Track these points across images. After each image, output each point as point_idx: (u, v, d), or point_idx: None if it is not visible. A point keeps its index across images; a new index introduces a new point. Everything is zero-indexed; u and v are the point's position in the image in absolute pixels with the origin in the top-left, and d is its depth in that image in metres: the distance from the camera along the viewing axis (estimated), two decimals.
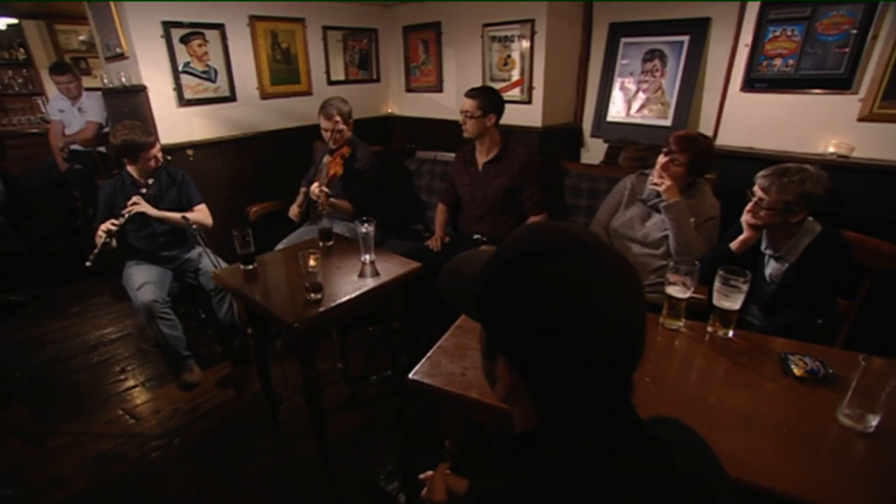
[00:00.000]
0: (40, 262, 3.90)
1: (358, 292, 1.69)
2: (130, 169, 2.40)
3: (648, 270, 2.06)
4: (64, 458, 2.10)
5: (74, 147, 4.00)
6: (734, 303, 1.36)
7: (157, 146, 2.35)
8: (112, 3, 2.64)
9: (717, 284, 1.39)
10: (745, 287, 1.36)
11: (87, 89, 3.97)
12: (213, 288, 2.49)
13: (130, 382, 2.61)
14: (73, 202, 4.03)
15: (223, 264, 2.40)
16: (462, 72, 3.53)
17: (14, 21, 5.15)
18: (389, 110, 4.12)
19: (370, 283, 1.77)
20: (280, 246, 2.68)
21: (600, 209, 2.28)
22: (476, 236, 2.56)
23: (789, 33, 2.21)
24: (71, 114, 4.00)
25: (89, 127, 3.87)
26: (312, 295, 1.63)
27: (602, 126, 3.12)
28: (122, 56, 2.80)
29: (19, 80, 6.30)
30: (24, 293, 2.94)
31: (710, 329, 1.42)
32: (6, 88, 6.24)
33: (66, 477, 2.01)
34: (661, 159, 2.00)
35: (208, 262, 2.32)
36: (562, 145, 3.30)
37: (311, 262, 1.62)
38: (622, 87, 2.97)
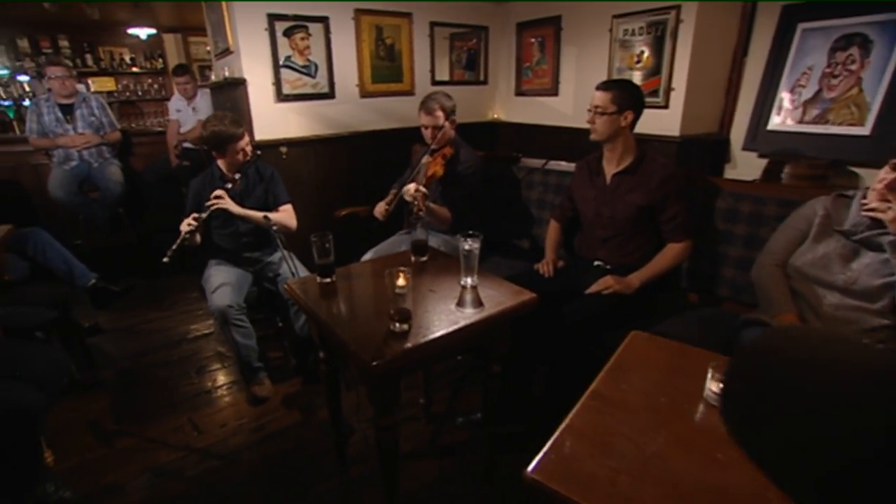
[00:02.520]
0: (148, 254, 4.04)
1: (454, 326, 1.30)
2: (220, 163, 2.26)
3: (858, 330, 1.45)
4: (126, 464, 1.98)
5: (186, 145, 4.13)
6: None
7: (246, 138, 2.19)
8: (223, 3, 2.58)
9: None
10: None
11: (202, 86, 4.09)
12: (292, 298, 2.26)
13: (203, 387, 2.47)
14: (180, 198, 4.14)
15: (303, 272, 2.16)
16: (583, 72, 3.08)
17: (153, 31, 5.58)
18: (495, 115, 3.77)
19: (471, 314, 1.37)
20: (367, 256, 2.40)
21: (773, 240, 1.70)
22: (597, 263, 2.08)
23: None
24: (186, 113, 4.14)
25: (199, 125, 3.96)
26: (398, 325, 1.27)
27: (760, 136, 2.50)
28: (227, 52, 2.74)
29: (155, 87, 6.91)
30: (123, 283, 2.97)
31: None
32: (145, 94, 6.88)
33: (123, 487, 1.88)
34: (886, 175, 1.42)
35: (286, 265, 2.08)
36: (702, 159, 2.71)
37: (400, 282, 1.27)
38: (794, 88, 2.34)
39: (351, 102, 3.02)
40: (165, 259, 2.01)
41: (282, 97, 2.74)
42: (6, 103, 4.21)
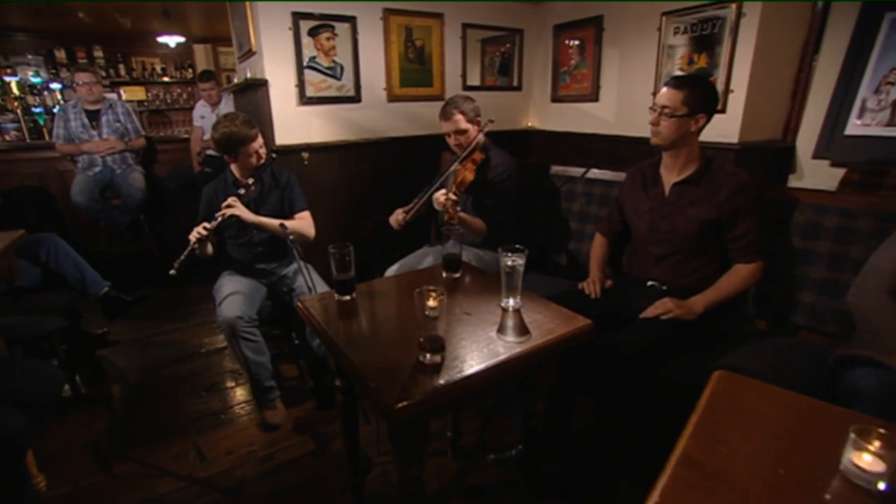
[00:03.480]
0: (167, 262, 3.94)
1: (496, 359, 1.07)
2: (233, 167, 2.11)
3: None
4: (122, 494, 1.81)
5: (209, 152, 4.05)
6: None
7: (260, 140, 2.02)
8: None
9: None
10: None
11: (224, 89, 4.02)
12: None
13: (211, 407, 2.29)
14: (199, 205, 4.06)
15: (321, 287, 1.97)
16: (627, 75, 2.85)
17: (182, 39, 5.60)
18: (529, 123, 3.56)
19: (515, 343, 1.14)
20: (392, 270, 2.19)
21: (881, 258, 1.42)
22: (651, 283, 1.83)
23: None
24: (210, 120, 4.06)
25: None
26: (429, 356, 1.05)
27: (835, 143, 2.21)
28: (250, 53, 2.61)
29: (183, 97, 6.97)
30: (139, 292, 2.84)
31: None
32: (173, 103, 6.94)
33: None
34: None
35: (302, 276, 1.88)
36: (763, 169, 2.43)
37: (431, 303, 1.06)
38: (880, 87, 2.05)
39: (377, 107, 2.86)
40: (173, 270, 1.86)
41: (305, 100, 2.59)
42: (38, 110, 4.22)
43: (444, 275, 1.54)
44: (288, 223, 1.98)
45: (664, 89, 1.69)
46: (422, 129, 3.04)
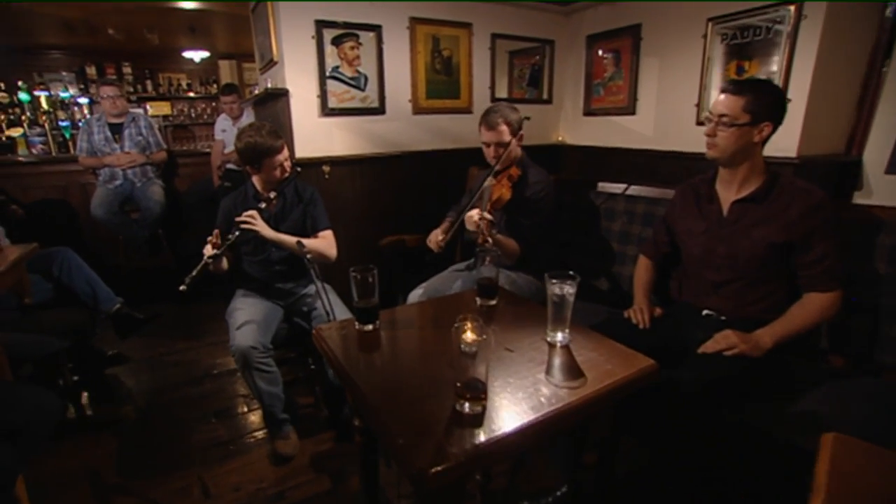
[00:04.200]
0: (185, 277, 3.86)
1: (549, 409, 0.89)
2: (255, 180, 1.99)
3: None
4: None
5: (230, 166, 4.00)
6: None
7: (286, 152, 1.90)
8: (269, 3, 2.37)
9: None
10: None
11: (246, 101, 3.97)
12: None
13: (220, 436, 2.14)
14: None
15: (341, 312, 1.82)
16: (667, 86, 2.67)
17: (206, 54, 5.64)
18: (560, 138, 3.39)
19: (567, 388, 0.96)
20: (417, 294, 2.03)
21: None
22: (707, 313, 1.62)
23: None
24: (231, 133, 4.01)
25: None
26: (468, 405, 0.87)
27: None
28: (271, 63, 2.52)
29: (208, 111, 7.02)
30: (153, 308, 2.74)
31: None
32: (197, 118, 7.00)
33: None
34: None
35: (319, 297, 1.71)
36: (824, 185, 2.20)
37: (469, 337, 0.88)
38: None
39: (402, 119, 2.73)
40: (183, 287, 1.72)
41: (327, 111, 2.48)
42: (64, 124, 4.25)
43: (478, 301, 1.37)
44: (307, 241, 1.84)
45: (721, 96, 1.51)
46: (448, 142, 2.90)
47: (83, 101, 5.10)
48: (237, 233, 1.81)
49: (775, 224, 1.49)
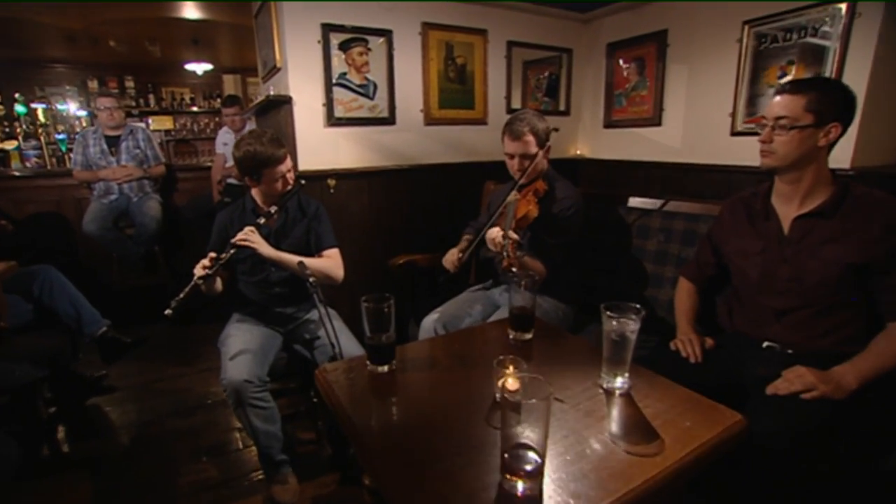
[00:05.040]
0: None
1: (625, 491, 0.67)
2: (254, 193, 1.80)
3: None
4: None
5: (230, 180, 3.83)
6: None
7: (289, 163, 1.72)
8: (272, 4, 2.22)
9: None
10: None
11: (247, 110, 3.82)
12: None
13: (210, 477, 1.91)
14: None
15: (348, 344, 1.62)
16: (698, 95, 2.50)
17: (209, 66, 5.53)
18: (578, 152, 3.21)
19: (637, 454, 0.74)
20: (431, 320, 1.82)
21: None
22: (768, 344, 1.41)
23: None
24: (233, 146, 3.85)
25: None
26: (521, 485, 0.66)
27: None
28: (275, 70, 2.36)
29: (211, 126, 6.91)
30: (144, 330, 2.54)
31: None
32: (200, 132, 6.89)
33: None
34: None
35: (323, 326, 1.50)
36: None
37: (511, 385, 0.68)
38: None
39: (413, 130, 2.56)
40: (168, 311, 1.52)
41: (333, 121, 2.31)
42: (61, 137, 4.11)
43: (511, 335, 1.16)
44: (309, 261, 1.64)
45: (777, 98, 1.32)
46: (461, 155, 2.72)
47: (82, 113, 4.97)
48: (232, 251, 1.62)
49: (851, 242, 1.28)
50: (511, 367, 0.82)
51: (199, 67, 5.43)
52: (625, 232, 2.05)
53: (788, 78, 2.09)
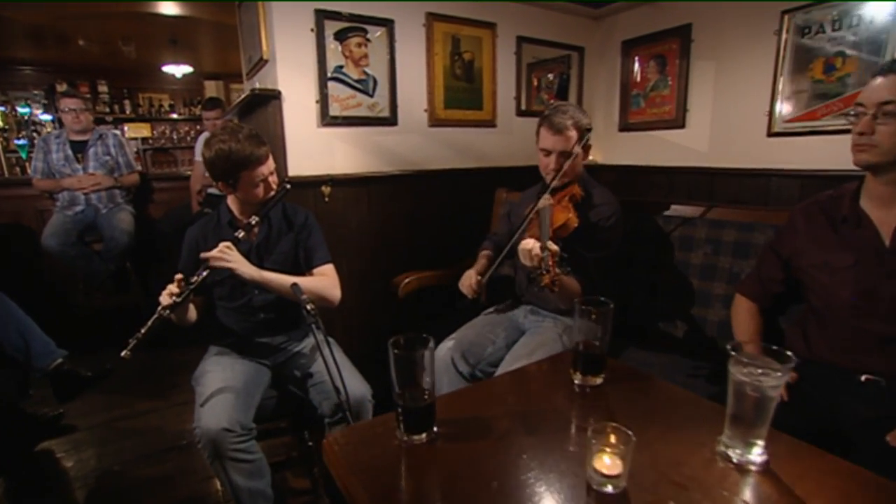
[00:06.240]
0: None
1: None
2: (230, 201, 1.51)
3: None
4: None
5: (211, 190, 3.52)
6: None
7: (270, 163, 1.44)
8: None
9: None
10: None
11: (230, 110, 3.53)
12: (330, 412, 1.41)
13: None
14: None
15: (354, 382, 1.33)
16: (727, 94, 2.30)
17: (189, 69, 5.21)
18: (590, 157, 2.97)
19: None
20: (446, 348, 1.55)
21: None
22: (868, 378, 1.16)
23: None
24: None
25: None
26: None
27: None
28: (261, 63, 2.08)
29: (192, 134, 6.57)
30: (100, 363, 2.20)
31: None
32: (180, 141, 6.54)
33: None
34: None
35: (326, 368, 1.20)
36: None
37: (609, 468, 0.40)
38: None
39: (417, 132, 2.30)
40: (125, 353, 1.23)
41: (327, 120, 2.04)
42: (21, 143, 3.76)
43: (576, 379, 0.89)
44: (303, 282, 1.36)
45: (878, 79, 1.09)
46: (468, 160, 2.46)
47: (46, 118, 4.60)
48: (204, 273, 1.32)
49: None
50: (614, 438, 0.55)
51: (179, 70, 5.09)
52: (664, 244, 1.80)
53: (838, 72, 1.88)
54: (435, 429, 0.74)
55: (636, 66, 2.69)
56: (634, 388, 0.90)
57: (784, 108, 2.06)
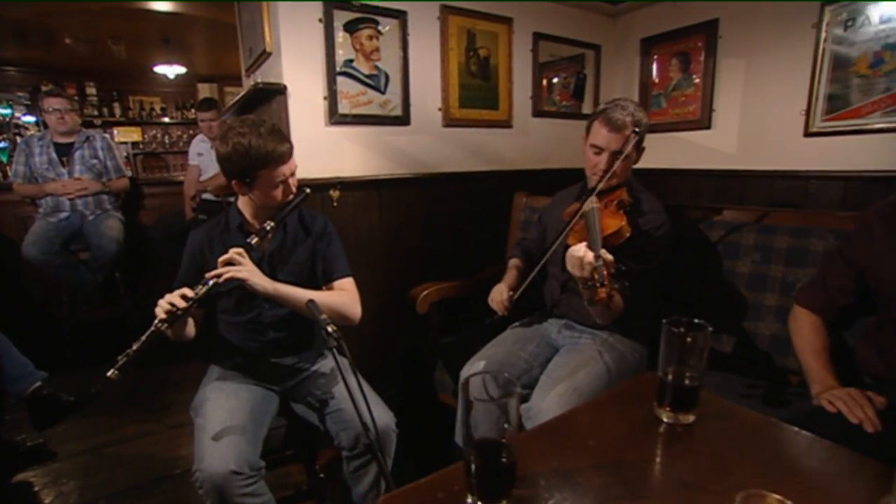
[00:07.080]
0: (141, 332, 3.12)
1: None
2: (241, 203, 1.34)
3: None
4: None
5: (206, 196, 3.34)
6: None
7: (293, 162, 1.28)
8: None
9: None
10: None
11: (228, 108, 3.36)
12: (349, 445, 1.24)
13: None
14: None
15: (380, 413, 1.17)
16: (758, 92, 2.18)
17: (182, 70, 5.03)
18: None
19: None
20: (477, 368, 1.38)
21: None
22: None
23: None
24: (209, 157, 3.37)
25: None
26: None
27: None
28: (263, 56, 1.92)
29: (184, 138, 6.38)
30: (84, 386, 2.00)
31: None
32: (172, 145, 6.34)
33: None
34: None
35: (348, 395, 1.02)
36: None
37: None
38: None
39: (430, 132, 2.15)
40: (113, 372, 1.05)
41: (336, 118, 1.88)
42: (1, 145, 3.55)
43: (663, 416, 0.73)
44: (322, 297, 1.19)
45: None
46: (484, 163, 2.32)
47: (29, 119, 4.39)
48: (211, 282, 1.15)
49: None
50: None
51: (171, 70, 4.89)
52: (707, 251, 1.66)
53: (886, 67, 1.77)
54: (514, 491, 0.58)
55: (656, 64, 2.56)
56: (735, 428, 0.75)
57: (824, 106, 1.94)
